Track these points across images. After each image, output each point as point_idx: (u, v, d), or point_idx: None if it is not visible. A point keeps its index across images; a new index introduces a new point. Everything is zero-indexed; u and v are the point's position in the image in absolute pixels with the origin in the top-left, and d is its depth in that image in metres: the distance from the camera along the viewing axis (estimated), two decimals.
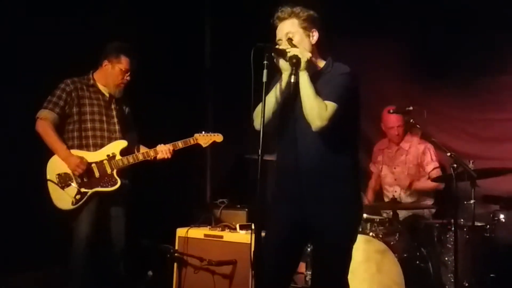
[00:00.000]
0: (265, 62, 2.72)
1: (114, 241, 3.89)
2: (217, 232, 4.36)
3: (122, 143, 3.90)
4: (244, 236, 4.21)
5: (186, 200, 5.24)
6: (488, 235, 4.28)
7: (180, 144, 4.03)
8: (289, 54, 2.82)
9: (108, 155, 3.84)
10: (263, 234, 2.86)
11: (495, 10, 4.78)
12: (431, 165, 4.81)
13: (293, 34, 2.91)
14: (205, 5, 5.94)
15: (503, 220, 4.35)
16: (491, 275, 4.20)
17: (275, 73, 2.97)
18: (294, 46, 2.87)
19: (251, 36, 3.33)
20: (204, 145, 4.10)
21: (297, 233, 2.92)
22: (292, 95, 2.85)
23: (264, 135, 2.71)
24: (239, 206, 4.63)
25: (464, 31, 4.94)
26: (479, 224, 4.25)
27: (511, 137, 4.88)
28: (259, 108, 2.81)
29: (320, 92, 2.83)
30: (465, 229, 4.23)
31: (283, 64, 2.86)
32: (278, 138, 3.01)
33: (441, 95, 5.12)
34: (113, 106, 3.95)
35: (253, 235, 2.79)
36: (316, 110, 2.78)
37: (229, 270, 4.18)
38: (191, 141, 4.05)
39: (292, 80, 2.80)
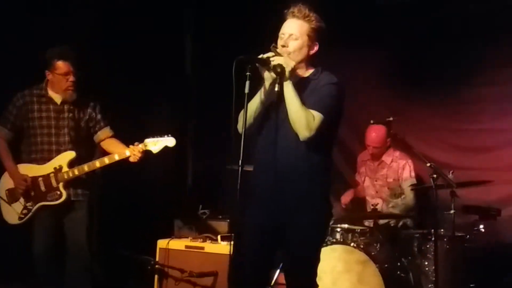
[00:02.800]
0: (248, 73, 2.73)
1: (72, 253, 3.83)
2: (198, 243, 4.33)
3: (70, 155, 3.81)
4: (225, 247, 4.17)
5: (167, 211, 5.19)
6: (468, 245, 4.32)
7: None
8: (273, 63, 2.82)
9: (55, 168, 3.78)
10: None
11: (476, 22, 4.84)
12: (408, 181, 4.77)
13: (296, 37, 2.91)
14: (188, 8, 5.87)
15: (483, 230, 4.40)
16: (471, 285, 4.24)
17: (259, 81, 2.97)
18: (278, 54, 2.87)
19: (234, 44, 3.33)
20: (154, 152, 3.76)
21: (270, 235, 2.93)
22: (275, 102, 2.86)
23: (245, 145, 2.70)
24: (220, 217, 4.60)
25: (445, 42, 4.99)
26: (459, 234, 4.29)
27: (490, 147, 4.94)
28: (242, 112, 2.82)
29: (306, 99, 2.85)
30: (445, 239, 4.26)
31: (267, 74, 2.88)
32: (257, 141, 3.01)
33: (421, 106, 5.16)
34: (65, 115, 3.86)
35: (231, 246, 2.80)
36: (304, 121, 2.80)
37: (210, 282, 4.16)
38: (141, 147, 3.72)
39: (276, 89, 2.82)
